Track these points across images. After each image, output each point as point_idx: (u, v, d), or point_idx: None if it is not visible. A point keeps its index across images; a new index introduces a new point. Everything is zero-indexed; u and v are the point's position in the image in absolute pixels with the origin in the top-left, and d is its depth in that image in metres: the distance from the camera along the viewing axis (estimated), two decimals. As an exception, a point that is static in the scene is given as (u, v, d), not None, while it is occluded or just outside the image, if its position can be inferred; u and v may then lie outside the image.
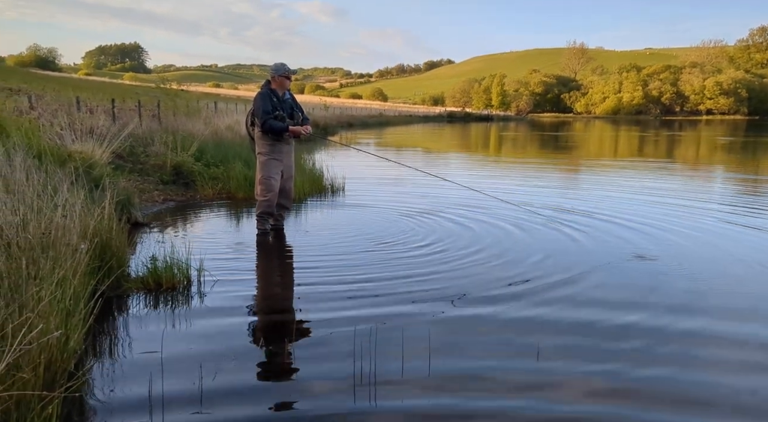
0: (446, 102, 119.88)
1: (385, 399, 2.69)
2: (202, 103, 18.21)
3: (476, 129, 45.37)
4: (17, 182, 4.21)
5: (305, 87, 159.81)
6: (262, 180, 6.00)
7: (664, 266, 5.07)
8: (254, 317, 3.83)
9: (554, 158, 18.70)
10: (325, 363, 3.06)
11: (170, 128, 11.55)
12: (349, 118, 44.16)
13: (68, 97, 14.68)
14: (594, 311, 3.92)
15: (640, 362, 3.13)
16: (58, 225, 3.56)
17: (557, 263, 5.07)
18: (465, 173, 12.90)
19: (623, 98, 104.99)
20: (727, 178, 13.29)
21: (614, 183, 11.16)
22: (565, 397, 2.75)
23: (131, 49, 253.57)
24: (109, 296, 3.83)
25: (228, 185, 8.60)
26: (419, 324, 3.61)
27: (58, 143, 7.29)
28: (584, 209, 7.86)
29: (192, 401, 2.63)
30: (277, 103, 5.91)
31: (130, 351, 3.15)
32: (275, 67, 6.03)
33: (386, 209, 7.64)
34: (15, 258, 2.95)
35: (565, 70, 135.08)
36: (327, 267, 4.89)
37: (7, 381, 2.16)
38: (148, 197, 7.84)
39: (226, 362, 3.04)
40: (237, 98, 42.96)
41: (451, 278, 4.59)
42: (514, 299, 4.11)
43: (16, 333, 2.25)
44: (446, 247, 5.59)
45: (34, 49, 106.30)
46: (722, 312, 3.97)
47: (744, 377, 3.02)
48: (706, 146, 26.91)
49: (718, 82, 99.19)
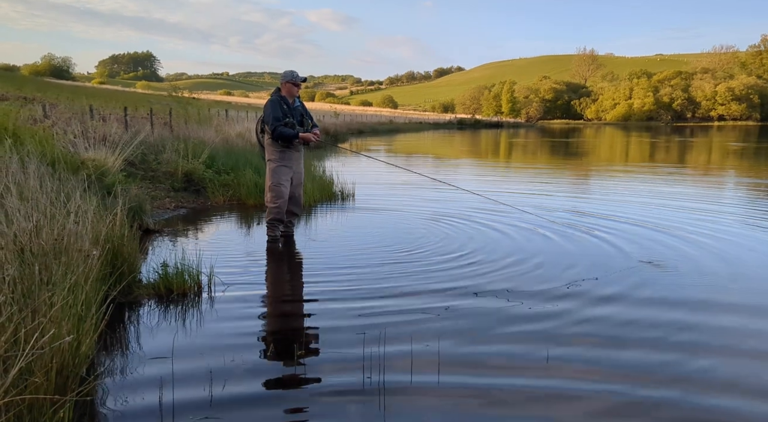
0: (456, 109, 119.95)
1: (394, 409, 2.69)
2: (213, 111, 18.37)
3: (486, 136, 45.30)
4: (31, 189, 4.26)
5: (316, 94, 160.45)
6: (272, 187, 6.04)
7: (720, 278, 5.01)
8: (264, 324, 3.84)
9: (564, 164, 18.62)
10: (335, 371, 3.06)
11: (182, 135, 11.65)
12: (359, 125, 44.27)
13: (81, 105, 14.83)
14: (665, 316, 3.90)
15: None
16: (71, 231, 3.59)
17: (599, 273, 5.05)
18: (479, 180, 12.87)
19: (634, 104, 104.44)
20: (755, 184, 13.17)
21: (632, 188, 11.10)
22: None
23: (144, 57, 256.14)
24: (120, 302, 3.86)
25: (238, 192, 8.65)
26: (429, 331, 3.60)
27: (72, 151, 7.37)
28: (606, 212, 7.83)
29: (202, 407, 2.63)
30: (287, 110, 5.95)
31: (140, 357, 3.16)
32: (285, 74, 6.07)
33: (399, 213, 7.65)
34: (28, 264, 2.98)
35: (575, 76, 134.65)
36: (338, 275, 4.89)
37: (20, 385, 2.18)
38: (159, 203, 7.89)
39: (236, 368, 3.04)
40: (248, 106, 43.22)
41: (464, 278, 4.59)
42: (567, 304, 4.10)
43: (29, 337, 2.27)
44: (473, 255, 5.59)
45: (48, 58, 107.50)
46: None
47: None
48: (722, 151, 26.69)
49: (729, 88, 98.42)
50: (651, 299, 4.30)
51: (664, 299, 4.32)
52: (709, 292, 4.53)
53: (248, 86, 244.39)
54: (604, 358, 3.24)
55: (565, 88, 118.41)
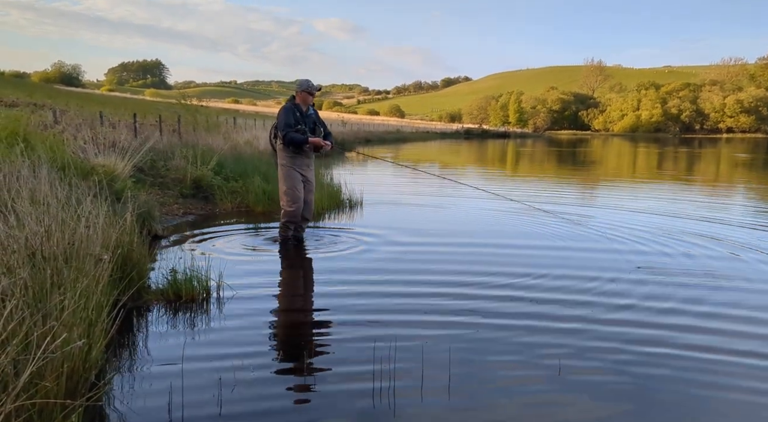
0: (463, 119, 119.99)
1: (405, 419, 2.66)
2: (222, 119, 18.43)
3: (493, 145, 45.26)
4: (42, 194, 4.27)
5: (323, 103, 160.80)
6: (287, 191, 6.16)
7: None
8: (273, 330, 3.83)
9: (571, 173, 18.57)
10: (345, 380, 3.04)
11: (190, 142, 11.70)
12: (366, 134, 44.32)
13: (91, 112, 14.94)
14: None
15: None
16: (82, 236, 3.60)
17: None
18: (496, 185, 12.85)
19: (642, 116, 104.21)
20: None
21: (638, 198, 11.05)
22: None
23: (153, 65, 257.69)
24: (130, 307, 3.86)
25: (247, 199, 8.67)
26: (440, 341, 3.58)
27: (82, 157, 7.41)
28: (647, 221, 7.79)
29: (211, 413, 2.62)
30: (300, 117, 6.10)
31: (150, 362, 3.16)
32: (300, 83, 6.21)
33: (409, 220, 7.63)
34: (39, 268, 2.98)
35: (582, 87, 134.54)
36: (348, 282, 4.88)
37: (31, 389, 2.18)
38: (168, 210, 7.91)
39: (245, 374, 3.03)
40: (256, 114, 43.40)
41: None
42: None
43: (40, 342, 2.26)
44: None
45: (58, 65, 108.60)
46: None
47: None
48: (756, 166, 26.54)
49: (738, 100, 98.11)
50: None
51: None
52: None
53: (256, 94, 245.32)
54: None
55: (573, 98, 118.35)
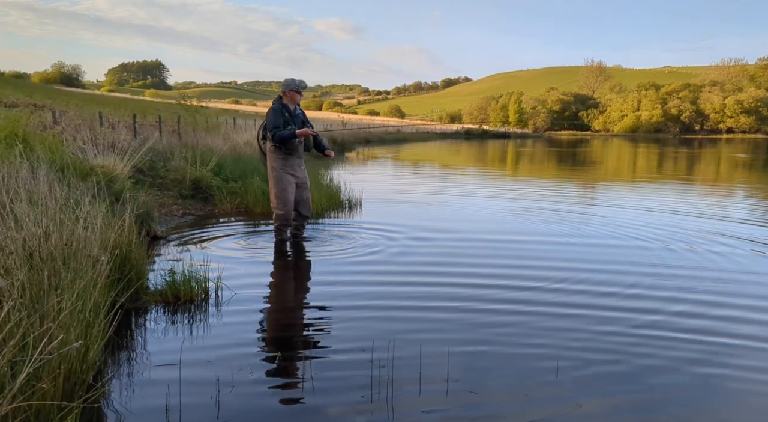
0: (463, 119, 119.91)
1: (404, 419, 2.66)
2: (221, 119, 18.44)
3: (494, 146, 45.23)
4: (40, 195, 4.27)
5: (323, 104, 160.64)
6: (277, 194, 6.17)
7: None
8: (272, 331, 3.83)
9: (571, 174, 18.57)
10: (342, 380, 3.04)
11: (190, 143, 11.70)
12: (366, 134, 44.23)
13: (91, 112, 14.94)
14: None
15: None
16: (80, 237, 3.59)
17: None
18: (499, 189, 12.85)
19: (642, 116, 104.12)
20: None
21: (643, 199, 11.05)
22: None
23: (153, 66, 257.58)
24: (128, 308, 3.85)
25: (246, 200, 8.66)
26: (439, 339, 3.58)
27: (81, 157, 7.41)
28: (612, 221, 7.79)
29: (209, 415, 2.62)
30: (288, 118, 6.10)
31: (148, 363, 3.15)
32: (287, 82, 6.20)
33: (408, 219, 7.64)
34: (37, 269, 2.98)
35: (582, 88, 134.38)
36: (346, 282, 4.88)
37: (28, 390, 2.17)
38: (167, 210, 7.91)
39: (243, 376, 3.03)
40: (255, 114, 43.31)
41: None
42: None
43: (37, 343, 2.26)
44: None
45: (58, 66, 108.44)
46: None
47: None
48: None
49: (738, 101, 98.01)
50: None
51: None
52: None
53: (256, 95, 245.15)
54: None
55: (573, 99, 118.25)
